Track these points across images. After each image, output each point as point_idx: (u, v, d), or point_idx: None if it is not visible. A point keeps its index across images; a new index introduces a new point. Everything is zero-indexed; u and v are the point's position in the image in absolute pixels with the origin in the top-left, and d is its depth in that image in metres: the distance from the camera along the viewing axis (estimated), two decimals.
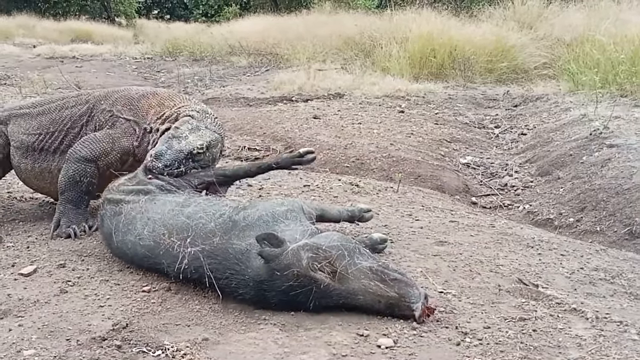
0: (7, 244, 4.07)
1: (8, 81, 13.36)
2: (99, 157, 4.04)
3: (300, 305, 2.91)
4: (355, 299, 2.88)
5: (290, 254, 2.87)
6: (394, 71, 12.14)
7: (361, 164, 6.78)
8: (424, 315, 2.86)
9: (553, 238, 4.50)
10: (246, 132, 8.20)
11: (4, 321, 2.99)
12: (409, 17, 14.14)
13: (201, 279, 3.11)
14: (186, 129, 3.86)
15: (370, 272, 2.86)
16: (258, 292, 2.96)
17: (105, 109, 4.24)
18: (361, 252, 2.95)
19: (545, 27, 13.37)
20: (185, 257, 3.11)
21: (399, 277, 2.89)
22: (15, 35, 25.05)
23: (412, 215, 4.76)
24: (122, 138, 4.10)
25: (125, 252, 3.49)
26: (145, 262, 3.40)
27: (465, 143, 7.96)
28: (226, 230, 3.11)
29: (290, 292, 2.87)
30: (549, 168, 6.67)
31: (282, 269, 2.85)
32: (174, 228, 3.23)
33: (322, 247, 2.90)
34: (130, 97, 4.25)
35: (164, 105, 4.13)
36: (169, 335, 2.79)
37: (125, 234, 3.44)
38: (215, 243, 3.08)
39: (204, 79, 13.49)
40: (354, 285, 2.86)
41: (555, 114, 8.76)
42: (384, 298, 2.85)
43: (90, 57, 18.22)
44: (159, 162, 3.71)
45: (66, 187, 4.08)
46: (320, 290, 2.85)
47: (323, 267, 2.84)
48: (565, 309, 3.16)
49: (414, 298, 2.83)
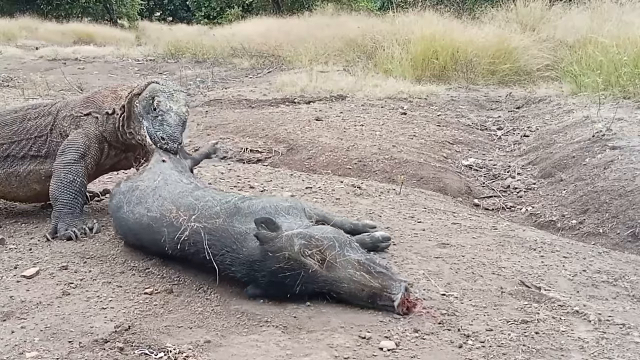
0: (10, 246, 4.07)
1: (11, 83, 13.36)
2: (84, 153, 4.28)
3: (287, 287, 3.05)
4: (340, 287, 3.03)
5: (285, 238, 3.06)
6: (396, 73, 12.14)
7: (363, 166, 6.77)
8: (403, 305, 2.98)
9: (555, 240, 4.49)
10: (248, 134, 8.20)
11: (6, 323, 2.99)
12: (411, 19, 14.15)
13: (197, 254, 3.28)
14: (164, 99, 4.11)
15: (358, 263, 3.03)
16: (249, 271, 3.15)
17: (66, 115, 4.50)
18: (352, 246, 3.13)
19: (547, 29, 13.36)
20: (187, 230, 3.29)
21: (383, 270, 3.05)
22: (18, 37, 25.06)
23: (415, 218, 4.76)
24: (91, 129, 4.36)
25: (129, 221, 3.69)
26: (147, 231, 3.57)
27: (468, 145, 7.96)
28: (230, 214, 3.29)
29: (279, 273, 3.04)
30: (552, 170, 6.66)
31: (274, 251, 3.04)
32: (181, 205, 3.45)
33: (315, 236, 3.08)
34: (84, 98, 4.58)
35: (117, 91, 4.45)
36: (172, 337, 2.79)
37: (137, 205, 3.65)
38: (217, 223, 3.27)
39: (206, 80, 13.49)
40: (340, 274, 3.02)
41: (557, 116, 8.76)
42: (367, 287, 3.00)
43: (92, 59, 18.22)
44: (174, 143, 4.04)
45: (59, 192, 4.20)
46: (308, 275, 3.02)
47: (313, 254, 3.02)
48: (567, 312, 3.16)
49: (395, 289, 2.98)
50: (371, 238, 3.81)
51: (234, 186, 5.44)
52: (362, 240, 3.73)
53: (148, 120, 4.10)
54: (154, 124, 4.08)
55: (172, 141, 4.03)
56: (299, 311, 3.05)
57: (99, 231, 4.20)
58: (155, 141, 4.05)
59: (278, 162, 7.13)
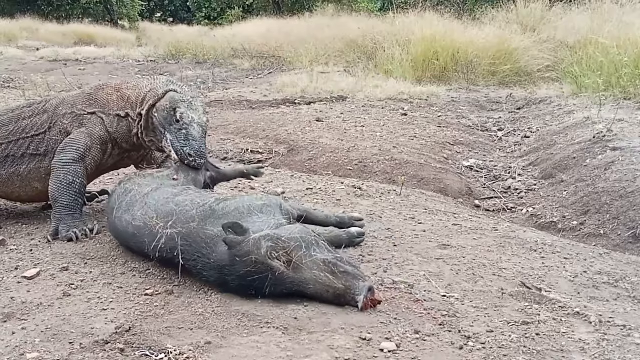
0: (11, 247, 4.07)
1: (12, 84, 13.38)
2: (84, 154, 4.22)
3: (257, 290, 3.10)
4: (307, 288, 3.07)
5: (252, 242, 3.09)
6: (396, 74, 12.14)
7: (364, 167, 6.77)
8: (367, 307, 3.02)
9: (556, 241, 4.49)
10: (249, 135, 8.21)
11: (7, 324, 3.00)
12: (412, 20, 14.15)
13: (174, 259, 3.32)
14: (185, 110, 4.04)
15: (323, 264, 3.06)
16: (220, 276, 3.19)
17: (67, 113, 4.42)
18: (319, 245, 3.15)
19: (548, 30, 13.36)
20: (162, 237, 3.34)
21: (349, 269, 3.08)
22: (19, 38, 25.08)
23: (415, 219, 4.76)
24: (95, 129, 4.28)
25: (118, 228, 3.74)
26: (133, 240, 3.62)
27: (469, 146, 7.96)
28: (204, 218, 3.34)
29: (248, 277, 3.08)
30: (553, 171, 6.66)
31: (242, 256, 3.08)
32: (161, 212, 3.48)
33: (282, 237, 3.11)
34: (87, 95, 4.46)
35: (121, 89, 4.36)
36: (172, 338, 2.79)
37: (125, 212, 3.68)
38: (191, 228, 3.31)
39: (207, 81, 13.50)
40: (306, 275, 3.05)
41: (558, 117, 8.76)
42: (331, 289, 3.05)
43: (93, 60, 18.24)
44: (202, 159, 4.01)
45: (59, 193, 4.17)
46: (275, 278, 3.05)
47: (280, 256, 3.06)
48: (568, 313, 3.16)
49: (358, 290, 3.01)
50: (347, 234, 3.88)
51: (235, 187, 5.44)
52: (338, 236, 3.83)
53: (172, 133, 4.03)
54: (178, 137, 4.00)
55: (200, 157, 4.00)
56: (299, 312, 3.05)
57: (100, 232, 4.20)
58: (183, 158, 3.99)
59: (279, 163, 7.14)
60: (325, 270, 3.05)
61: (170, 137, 4.02)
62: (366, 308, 3.02)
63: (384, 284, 3.41)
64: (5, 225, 4.55)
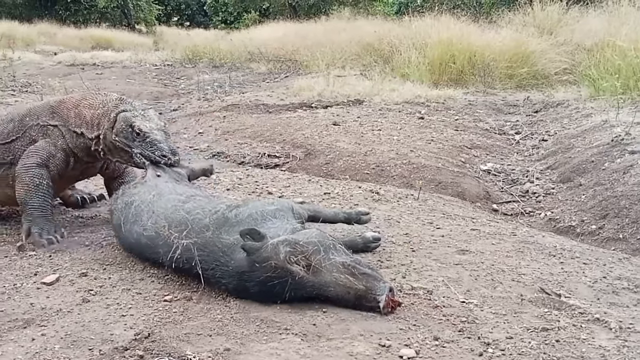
0: (30, 253, 4.10)
1: (30, 88, 13.47)
2: (47, 160, 4.35)
3: (277, 295, 3.13)
4: (327, 290, 3.10)
5: (270, 247, 3.12)
6: (413, 77, 12.11)
7: (381, 171, 6.77)
8: (388, 306, 3.05)
9: (575, 246, 4.46)
10: (266, 138, 8.22)
11: (27, 330, 3.01)
12: (428, 23, 14.10)
13: (191, 269, 3.35)
14: (141, 122, 4.20)
15: (342, 266, 3.10)
16: (239, 282, 3.22)
17: (34, 124, 4.56)
18: (336, 248, 3.19)
19: (565, 33, 13.27)
20: (178, 248, 3.37)
21: (368, 271, 3.12)
22: (36, 42, 25.25)
23: (433, 223, 4.75)
24: (58, 141, 4.43)
25: (130, 240, 3.76)
26: (147, 251, 3.63)
27: (486, 149, 7.93)
28: (218, 226, 3.38)
29: (268, 282, 3.11)
30: (571, 175, 6.62)
31: (261, 261, 3.11)
32: (173, 221, 3.52)
33: (299, 242, 3.15)
34: (50, 108, 4.59)
35: (80, 105, 4.48)
36: (191, 345, 2.79)
37: (133, 224, 3.71)
38: (207, 237, 3.35)
39: (224, 85, 13.51)
40: (326, 278, 3.09)
41: (576, 120, 8.70)
42: (352, 290, 3.07)
43: (110, 64, 18.32)
44: (175, 156, 4.16)
45: (27, 196, 4.30)
46: (295, 282, 3.08)
47: (299, 260, 3.08)
48: (588, 319, 3.14)
49: (380, 291, 3.05)
50: (363, 239, 3.92)
51: (252, 192, 5.45)
52: (353, 241, 3.89)
53: (137, 147, 4.17)
54: (145, 148, 4.15)
55: (173, 154, 4.15)
56: (318, 318, 3.05)
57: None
58: (157, 162, 4.12)
59: (296, 167, 7.14)
60: (345, 273, 3.08)
61: (137, 151, 4.16)
62: (387, 308, 3.05)
63: (402, 289, 3.41)
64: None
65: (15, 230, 4.62)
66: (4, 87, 13.25)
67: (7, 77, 14.24)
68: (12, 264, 3.92)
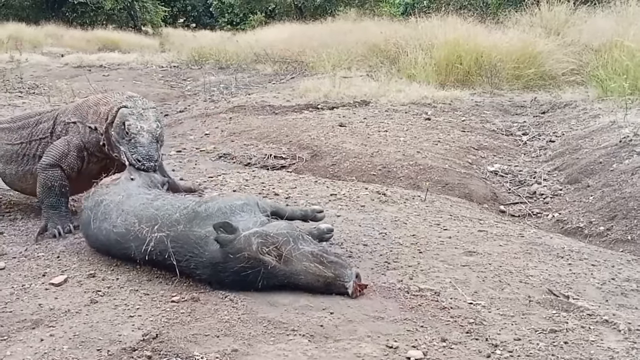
0: (38, 254, 4.11)
1: (37, 90, 13.51)
2: (60, 160, 4.55)
3: (250, 284, 3.30)
4: (298, 279, 3.29)
5: (243, 239, 3.30)
6: (419, 78, 12.08)
7: (388, 172, 6.76)
8: (356, 291, 3.26)
9: (583, 248, 4.45)
10: (272, 140, 8.22)
11: (35, 331, 3.02)
12: (435, 24, 14.06)
13: (164, 261, 3.50)
14: (134, 121, 4.34)
15: (311, 255, 3.30)
16: (213, 273, 3.38)
17: (63, 121, 4.82)
18: (304, 239, 3.41)
19: (572, 33, 13.22)
20: (152, 241, 3.51)
21: (335, 259, 3.34)
22: (43, 44, 25.25)
23: (441, 225, 4.74)
24: (74, 138, 4.64)
25: (99, 237, 3.88)
26: (116, 246, 3.77)
27: (493, 150, 7.91)
28: (189, 220, 3.52)
29: (241, 272, 3.28)
30: (578, 176, 6.60)
31: (235, 253, 3.28)
32: (143, 217, 3.65)
33: (270, 234, 3.34)
34: (77, 105, 4.87)
35: (99, 103, 4.65)
36: (199, 346, 2.80)
37: (102, 222, 3.83)
38: (179, 230, 3.49)
39: (230, 87, 13.52)
40: (297, 267, 3.28)
41: (584, 121, 8.68)
42: (322, 278, 3.27)
43: (117, 65, 18.34)
44: (150, 162, 4.25)
45: (43, 195, 4.55)
46: (267, 271, 3.27)
47: (270, 251, 3.28)
48: (596, 321, 3.13)
49: (347, 277, 3.26)
50: (318, 230, 4.00)
51: (259, 193, 5.44)
52: (310, 232, 3.93)
53: (124, 145, 4.33)
54: (129, 147, 4.30)
55: (148, 160, 4.24)
56: (325, 320, 3.05)
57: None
58: (133, 164, 4.24)
59: (302, 169, 7.14)
60: (314, 261, 3.28)
61: (123, 148, 4.32)
62: (356, 293, 3.25)
63: (409, 291, 3.41)
64: (32, 232, 4.59)
65: (23, 232, 4.64)
66: (12, 89, 13.31)
67: (15, 78, 14.28)
68: (20, 265, 3.94)
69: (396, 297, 3.35)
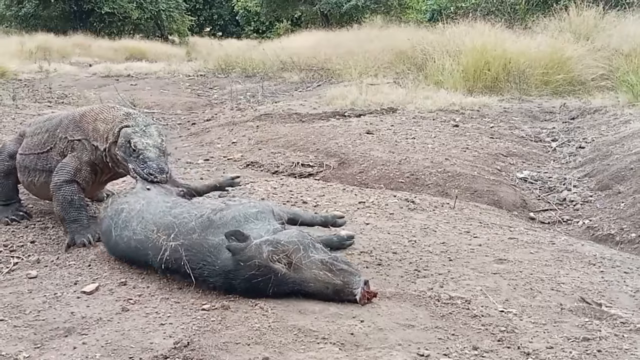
0: (69, 262, 4.15)
1: (65, 100, 13.63)
2: (75, 175, 4.60)
3: (260, 291, 3.36)
4: (308, 286, 3.34)
5: (254, 247, 3.36)
6: (447, 85, 12.03)
7: (416, 180, 6.73)
8: (364, 298, 3.30)
9: (615, 255, 4.40)
10: (299, 148, 8.23)
11: (68, 339, 3.05)
12: (462, 30, 14.01)
13: (179, 269, 3.55)
14: (139, 139, 4.41)
15: (321, 263, 3.34)
16: (225, 280, 3.44)
17: (62, 137, 4.83)
18: (315, 247, 3.44)
19: (602, 38, 13.10)
20: (167, 250, 3.59)
21: (345, 267, 3.37)
22: (71, 54, 25.53)
23: (470, 232, 4.71)
24: (83, 155, 4.67)
25: (121, 246, 3.94)
26: (137, 253, 3.83)
27: (522, 157, 7.85)
28: (204, 228, 3.60)
29: (252, 280, 3.35)
30: (609, 182, 6.53)
31: (246, 260, 3.34)
32: (161, 225, 3.73)
33: (281, 242, 3.39)
34: (75, 122, 4.83)
35: (97, 120, 4.70)
36: (230, 354, 2.80)
37: (123, 229, 3.91)
38: (193, 238, 3.56)
39: (257, 95, 13.57)
40: (306, 275, 3.33)
41: (614, 127, 8.59)
42: (330, 285, 3.32)
43: (144, 75, 18.49)
44: (162, 174, 4.33)
45: (64, 212, 4.58)
46: (277, 279, 3.32)
47: (281, 258, 3.33)
48: (630, 329, 3.09)
49: (355, 284, 3.30)
50: (338, 237, 4.17)
51: (287, 201, 5.45)
52: (329, 239, 4.10)
53: (132, 162, 4.38)
54: (138, 164, 4.35)
55: (160, 173, 4.32)
56: (356, 328, 3.04)
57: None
58: (146, 178, 4.31)
59: (330, 176, 7.13)
60: (324, 269, 3.33)
61: (132, 166, 4.38)
62: (364, 300, 3.30)
63: (440, 299, 3.39)
64: (63, 240, 4.63)
65: (54, 240, 4.69)
66: (41, 99, 13.47)
67: (44, 88, 14.47)
68: (52, 274, 3.98)
69: (427, 305, 3.34)
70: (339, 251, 4.05)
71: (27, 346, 2.99)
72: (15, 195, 5.34)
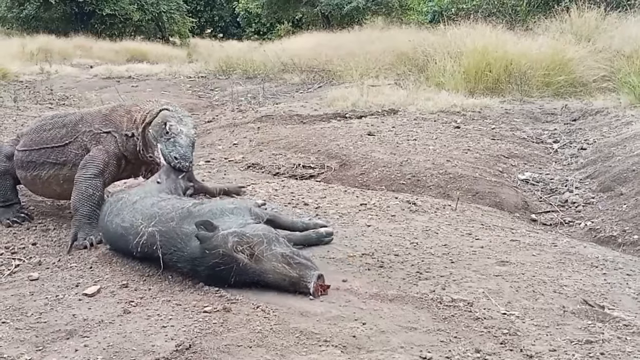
0: (71, 264, 4.14)
1: (67, 101, 13.63)
2: (104, 169, 4.70)
3: (223, 279, 3.53)
4: (267, 277, 3.50)
5: (220, 237, 3.54)
6: (448, 86, 12.01)
7: (417, 181, 6.73)
8: (318, 291, 3.45)
9: (618, 257, 4.39)
10: (300, 149, 8.22)
11: (70, 341, 3.05)
12: (463, 31, 13.97)
13: (153, 254, 3.75)
14: (175, 123, 4.54)
15: (281, 256, 3.51)
16: (192, 267, 3.64)
17: (86, 131, 4.92)
18: (279, 241, 3.63)
19: (603, 40, 13.08)
20: (145, 235, 3.79)
21: (303, 261, 3.54)
22: (72, 56, 25.49)
23: (472, 234, 4.71)
24: (111, 147, 4.78)
25: (109, 230, 4.16)
26: (121, 240, 4.03)
27: (524, 159, 7.84)
28: (182, 218, 3.79)
29: (215, 267, 3.53)
30: (611, 184, 6.52)
31: (211, 249, 3.53)
32: (145, 215, 3.93)
33: (246, 234, 3.56)
34: (103, 116, 4.96)
35: (131, 112, 4.85)
36: (232, 356, 2.80)
37: (115, 216, 4.12)
38: (170, 226, 3.76)
39: (257, 96, 13.56)
40: (266, 266, 3.49)
41: (616, 128, 8.58)
42: (287, 277, 3.48)
43: (145, 76, 18.48)
44: (186, 162, 4.46)
45: (80, 204, 4.62)
46: (239, 268, 3.49)
47: (244, 249, 3.50)
48: (633, 332, 3.09)
49: (309, 278, 3.45)
50: (316, 234, 4.30)
51: (288, 203, 5.45)
52: (308, 236, 4.28)
53: (162, 142, 4.51)
54: (167, 145, 4.48)
55: (184, 160, 4.45)
56: (357, 330, 3.03)
57: None
58: (169, 161, 4.45)
59: (331, 178, 7.13)
60: (283, 262, 3.49)
61: (160, 146, 4.51)
62: (317, 292, 3.44)
63: (442, 301, 3.38)
64: (65, 243, 4.63)
65: (56, 242, 4.68)
66: (42, 100, 13.47)
67: (45, 90, 14.46)
68: (54, 276, 3.98)
69: (429, 308, 3.33)
70: (342, 253, 4.04)
71: (29, 348, 2.99)
72: (14, 196, 5.34)
